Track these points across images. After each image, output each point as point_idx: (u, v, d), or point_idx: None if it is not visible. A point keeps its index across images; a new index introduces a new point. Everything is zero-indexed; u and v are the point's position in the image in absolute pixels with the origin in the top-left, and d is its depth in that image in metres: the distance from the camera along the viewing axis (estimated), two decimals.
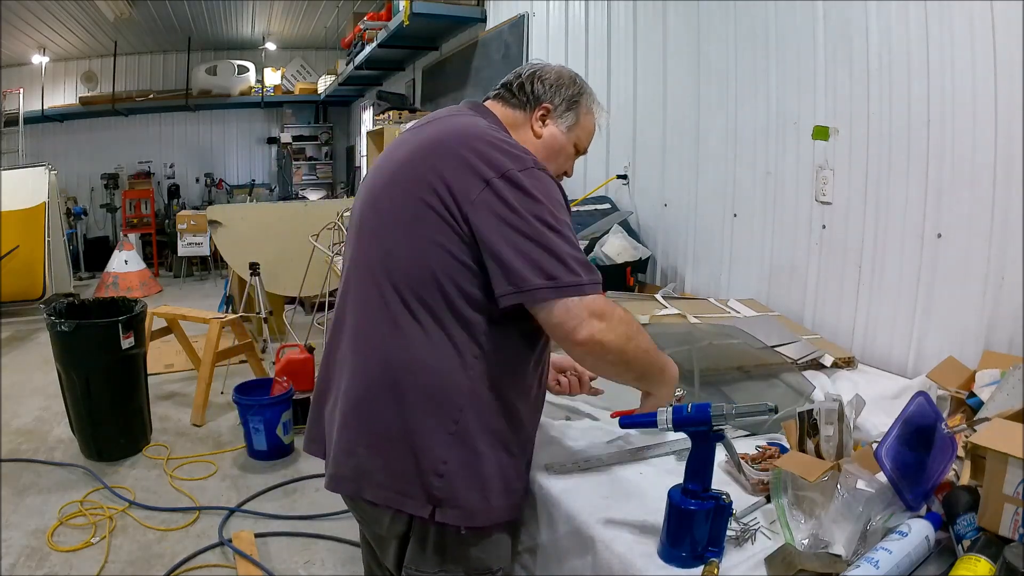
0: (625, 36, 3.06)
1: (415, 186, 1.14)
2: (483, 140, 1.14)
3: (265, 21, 9.11)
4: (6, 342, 5.62)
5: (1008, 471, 0.92)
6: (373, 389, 1.17)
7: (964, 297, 1.67)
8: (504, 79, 1.37)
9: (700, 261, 2.67)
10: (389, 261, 1.16)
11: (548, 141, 1.32)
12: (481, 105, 1.34)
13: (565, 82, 1.33)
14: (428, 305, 1.13)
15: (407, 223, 1.14)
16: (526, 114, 1.32)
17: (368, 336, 1.19)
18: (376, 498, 1.17)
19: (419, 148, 1.18)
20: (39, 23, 7.75)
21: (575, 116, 1.34)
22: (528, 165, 1.12)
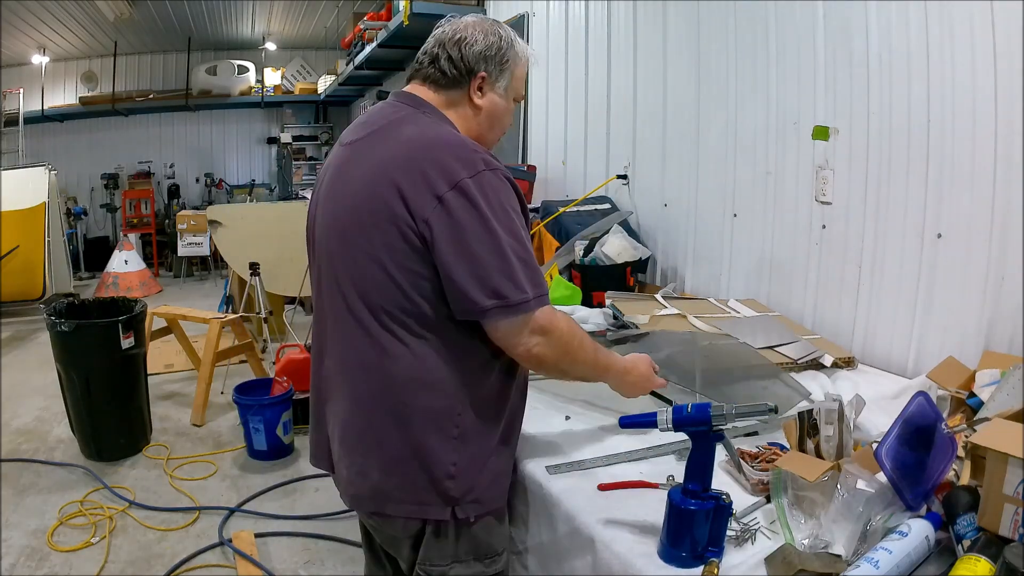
0: (625, 36, 3.06)
1: (378, 211, 1.13)
2: (433, 150, 1.14)
3: (265, 21, 9.11)
4: (6, 342, 5.62)
5: (1008, 471, 0.92)
6: (374, 416, 1.19)
7: (964, 297, 1.67)
8: (427, 50, 1.29)
9: (700, 261, 2.67)
10: (362, 286, 1.17)
11: (489, 110, 1.29)
12: (411, 96, 1.27)
13: (493, 42, 1.27)
14: (408, 325, 1.15)
15: (374, 248, 1.14)
16: (462, 90, 1.27)
17: (357, 364, 1.20)
18: (398, 513, 1.22)
19: (376, 170, 1.16)
20: (39, 23, 7.75)
21: (509, 74, 1.30)
22: (479, 169, 1.11)
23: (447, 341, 1.16)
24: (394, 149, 1.17)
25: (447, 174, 1.10)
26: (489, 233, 1.09)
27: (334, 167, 1.28)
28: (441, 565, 1.24)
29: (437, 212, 1.09)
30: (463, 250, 1.09)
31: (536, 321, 1.12)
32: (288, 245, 5.02)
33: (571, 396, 1.71)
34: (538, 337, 1.14)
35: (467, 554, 1.24)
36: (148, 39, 9.17)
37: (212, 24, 8.99)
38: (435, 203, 1.09)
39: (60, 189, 7.33)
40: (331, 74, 9.01)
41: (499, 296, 1.09)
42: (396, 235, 1.11)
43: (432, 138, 1.17)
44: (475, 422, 1.19)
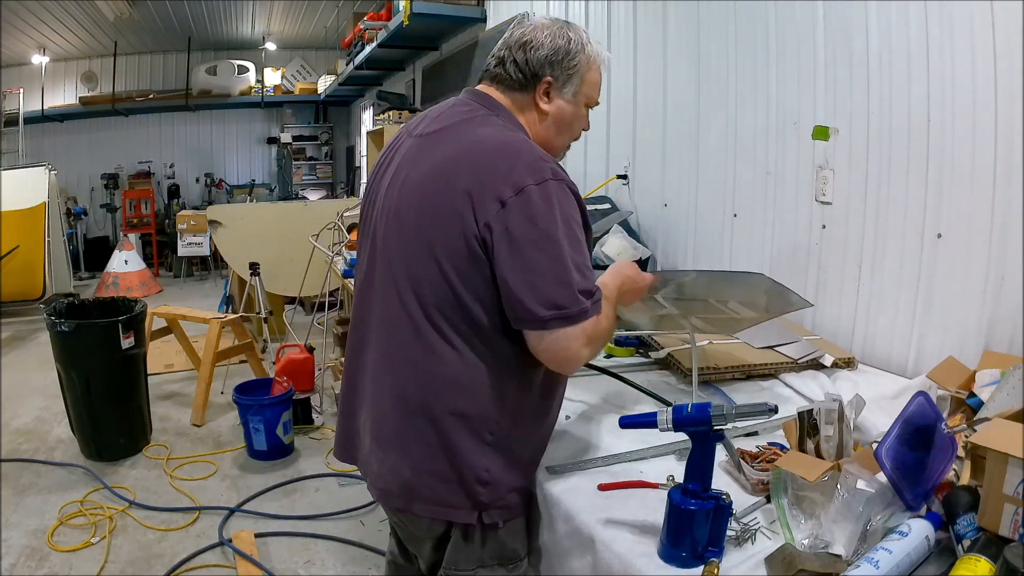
0: (625, 36, 3.06)
1: (442, 209, 1.13)
2: (502, 154, 1.14)
3: (265, 21, 9.11)
4: (6, 342, 5.62)
5: (1008, 471, 0.92)
6: (412, 414, 1.18)
7: (964, 297, 1.67)
8: (496, 53, 1.29)
9: (700, 261, 2.67)
10: (417, 283, 1.16)
11: (556, 115, 1.29)
12: (485, 96, 1.28)
13: (560, 46, 1.25)
14: (458, 327, 1.14)
15: (434, 246, 1.14)
16: (527, 94, 1.27)
17: (401, 359, 1.19)
18: (425, 513, 1.22)
19: (445, 167, 1.16)
20: (39, 23, 7.75)
21: (578, 79, 1.29)
22: (545, 177, 1.11)
23: (495, 348, 1.15)
24: (465, 149, 1.16)
25: (513, 179, 1.09)
26: (549, 241, 1.08)
27: (401, 155, 1.27)
28: (466, 570, 1.24)
29: (499, 216, 1.08)
30: (521, 257, 1.08)
31: (586, 331, 1.11)
32: (288, 245, 5.02)
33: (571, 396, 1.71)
34: (588, 348, 1.13)
35: (492, 559, 1.24)
36: (148, 39, 9.17)
37: (212, 24, 8.99)
38: (498, 207, 1.08)
39: (60, 189, 7.33)
40: (331, 74, 9.01)
41: (557, 307, 1.08)
42: (457, 236, 1.11)
43: (502, 142, 1.17)
44: (511, 430, 1.19)
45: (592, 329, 1.12)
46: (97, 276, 8.13)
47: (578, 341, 1.10)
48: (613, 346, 2.05)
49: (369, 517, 2.92)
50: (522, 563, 1.29)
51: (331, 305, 4.55)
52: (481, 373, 1.15)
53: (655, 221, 2.88)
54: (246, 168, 11.05)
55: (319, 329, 4.70)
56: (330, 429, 3.84)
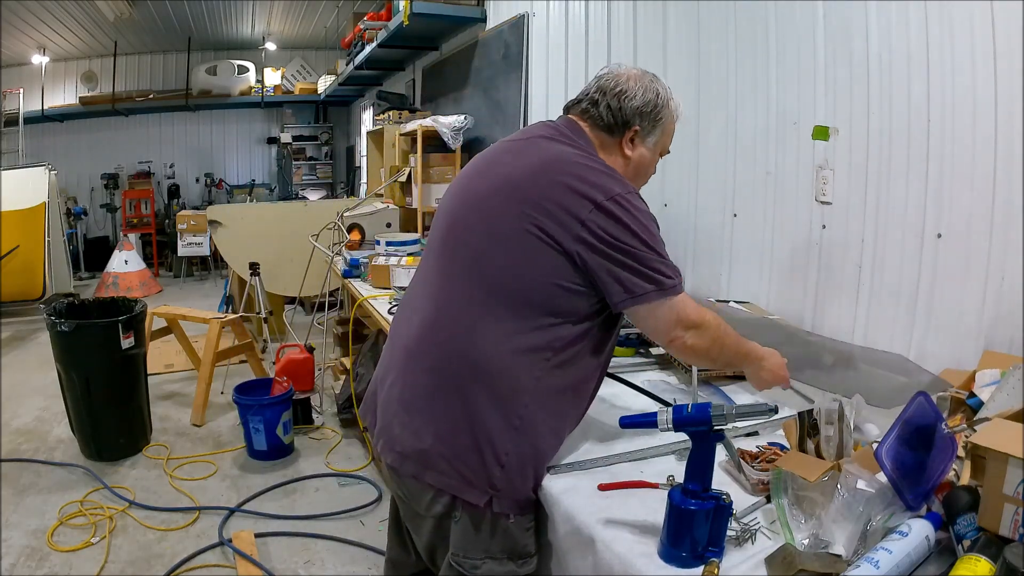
0: (625, 36, 3.06)
1: (523, 204, 1.22)
2: (586, 166, 1.25)
3: (265, 21, 9.11)
4: (6, 342, 5.62)
5: (1008, 471, 0.92)
6: (447, 385, 1.23)
7: (964, 297, 1.67)
8: (587, 93, 1.39)
9: (700, 261, 2.67)
10: (485, 267, 1.24)
11: (637, 161, 1.40)
12: (576, 126, 1.37)
13: (650, 99, 1.37)
14: (516, 312, 1.21)
15: (510, 237, 1.23)
16: (615, 138, 1.37)
17: (448, 330, 1.26)
18: (437, 483, 1.25)
19: (528, 168, 1.26)
20: (39, 23, 7.75)
21: (660, 130, 1.41)
22: (630, 189, 1.24)
23: (545, 340, 1.21)
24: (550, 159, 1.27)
25: (602, 188, 1.21)
26: (640, 234, 1.20)
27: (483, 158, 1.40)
28: (474, 559, 1.26)
29: (596, 215, 1.18)
30: (623, 246, 1.19)
31: (689, 316, 1.24)
32: (288, 245, 5.02)
33: None
34: (692, 331, 1.25)
35: (502, 552, 1.26)
36: (148, 39, 9.16)
37: (212, 24, 8.99)
38: (592, 207, 1.19)
39: (60, 189, 7.33)
40: (331, 74, 9.01)
41: (655, 282, 1.20)
42: (536, 230, 1.20)
43: (587, 160, 1.27)
44: (539, 420, 1.23)
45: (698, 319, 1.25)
46: (97, 276, 8.13)
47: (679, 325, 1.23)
48: None
49: (369, 517, 2.92)
50: (532, 560, 1.30)
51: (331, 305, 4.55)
52: (524, 361, 1.21)
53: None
54: (246, 168, 11.05)
55: (319, 329, 4.70)
56: (330, 429, 3.84)
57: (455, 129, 4.42)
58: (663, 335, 1.26)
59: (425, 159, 4.55)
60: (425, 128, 4.48)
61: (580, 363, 1.27)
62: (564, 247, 1.19)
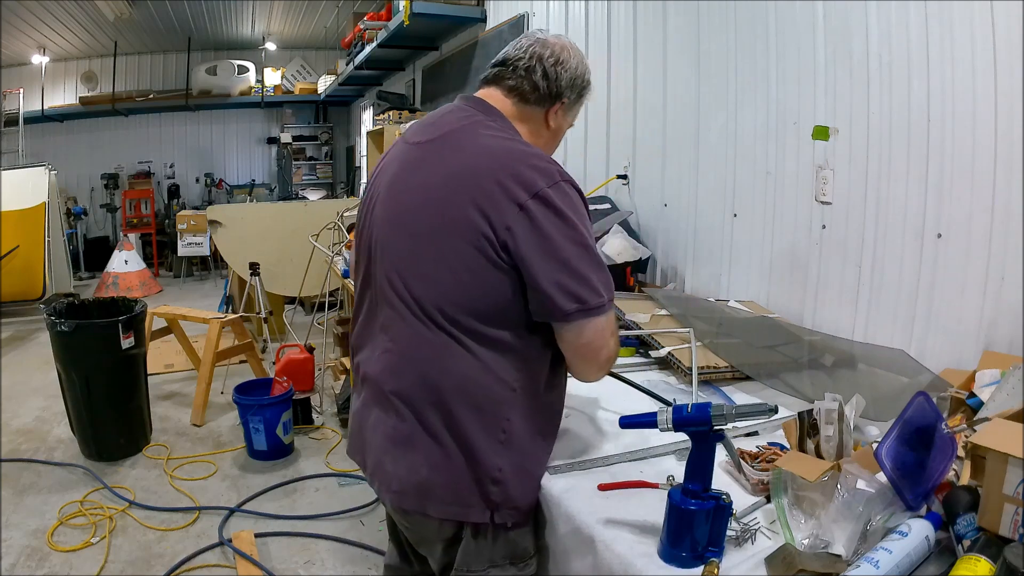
0: (625, 36, 3.06)
1: (453, 219, 1.15)
2: (511, 160, 1.16)
3: (265, 21, 9.11)
4: (6, 342, 5.62)
5: (1008, 471, 0.92)
6: (428, 413, 1.20)
7: (964, 297, 1.67)
8: (519, 61, 1.28)
9: (700, 261, 2.67)
10: (428, 287, 1.18)
11: (556, 133, 1.35)
12: (486, 104, 1.29)
13: (580, 73, 1.31)
14: (470, 328, 1.16)
15: (445, 253, 1.16)
16: (541, 109, 1.30)
17: (413, 364, 1.21)
18: (439, 514, 1.23)
19: (451, 178, 1.18)
20: (39, 23, 7.75)
21: (579, 106, 1.36)
22: (556, 179, 1.15)
23: (507, 348, 1.18)
24: (470, 159, 1.19)
25: (526, 183, 1.13)
26: (569, 240, 1.13)
27: (399, 164, 1.29)
28: (478, 570, 1.25)
29: (520, 219, 1.12)
30: (547, 256, 1.12)
31: (611, 323, 1.19)
32: (288, 245, 5.02)
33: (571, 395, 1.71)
34: (613, 339, 1.21)
35: (503, 558, 1.25)
36: (148, 39, 9.16)
37: (212, 24, 8.99)
38: (516, 210, 1.12)
39: (60, 189, 7.33)
40: (331, 74, 9.01)
41: (580, 301, 1.13)
42: (471, 242, 1.13)
43: (508, 149, 1.19)
44: (523, 429, 1.21)
45: (612, 320, 1.20)
46: (97, 276, 8.13)
47: (603, 332, 1.17)
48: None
49: (369, 517, 2.92)
50: (532, 561, 1.30)
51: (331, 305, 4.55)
52: (492, 373, 1.17)
53: (655, 221, 2.88)
54: (246, 168, 11.05)
55: (319, 329, 4.70)
56: (330, 429, 3.84)
57: None
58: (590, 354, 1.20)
59: None
60: None
61: (556, 362, 1.24)
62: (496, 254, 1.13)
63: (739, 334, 1.98)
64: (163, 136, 10.41)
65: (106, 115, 9.67)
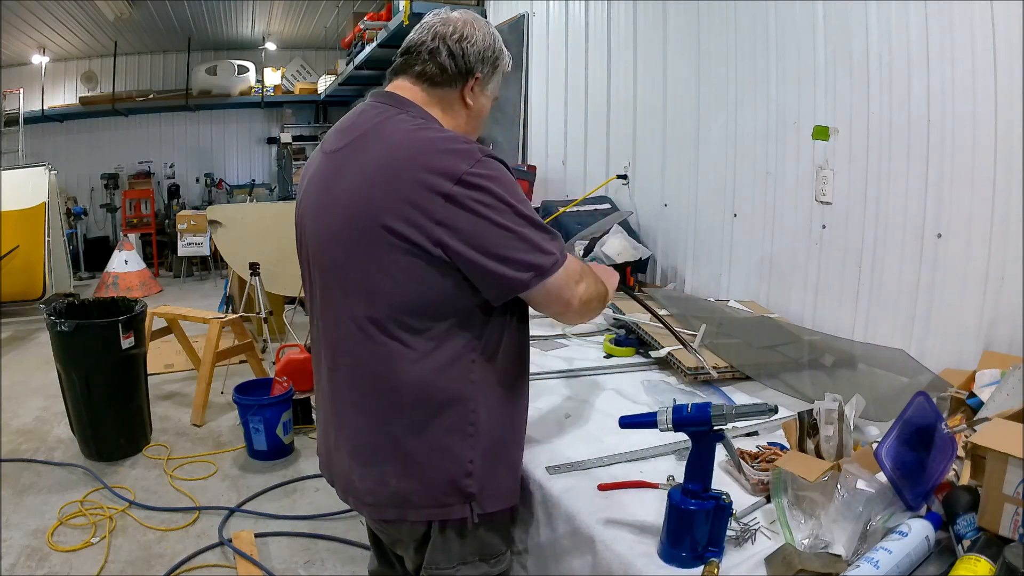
0: (625, 36, 3.06)
1: (380, 222, 1.10)
2: (425, 151, 1.11)
3: (265, 21, 9.11)
4: (6, 342, 5.62)
5: (1008, 471, 0.92)
6: (389, 425, 1.18)
7: (964, 297, 1.67)
8: (422, 45, 1.24)
9: (700, 261, 2.67)
10: (367, 297, 1.15)
11: (477, 112, 1.29)
12: (396, 97, 1.23)
13: (489, 43, 1.25)
14: (418, 329, 1.14)
15: (377, 258, 1.12)
16: (455, 89, 1.24)
17: (368, 375, 1.19)
18: (419, 517, 1.22)
19: (368, 181, 1.13)
20: (39, 23, 7.75)
21: (498, 76, 1.30)
22: (477, 156, 1.10)
23: (459, 340, 1.15)
24: (385, 158, 1.13)
25: (447, 171, 1.07)
26: (504, 215, 1.09)
27: (319, 177, 1.24)
28: (447, 568, 1.24)
29: (449, 210, 1.07)
30: (487, 237, 1.09)
31: (571, 270, 1.17)
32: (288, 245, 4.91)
33: (570, 395, 1.71)
34: (580, 284, 1.19)
35: (473, 555, 1.25)
36: (148, 39, 9.16)
37: (212, 24, 8.99)
38: (443, 201, 1.07)
39: (60, 189, 7.32)
40: (331, 74, 9.01)
41: (533, 267, 1.11)
42: (403, 244, 1.09)
43: (421, 139, 1.14)
44: (488, 417, 1.20)
45: (576, 269, 1.19)
46: (97, 276, 8.13)
47: (566, 285, 1.16)
48: (613, 346, 2.05)
49: None
50: (504, 557, 1.30)
51: None
52: (448, 370, 1.16)
53: (655, 221, 2.88)
54: (246, 168, 11.04)
55: None
56: None
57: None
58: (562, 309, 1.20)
59: None
60: None
61: (509, 342, 1.21)
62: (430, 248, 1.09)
63: (739, 334, 1.98)
64: (163, 136, 10.40)
65: (106, 115, 9.66)
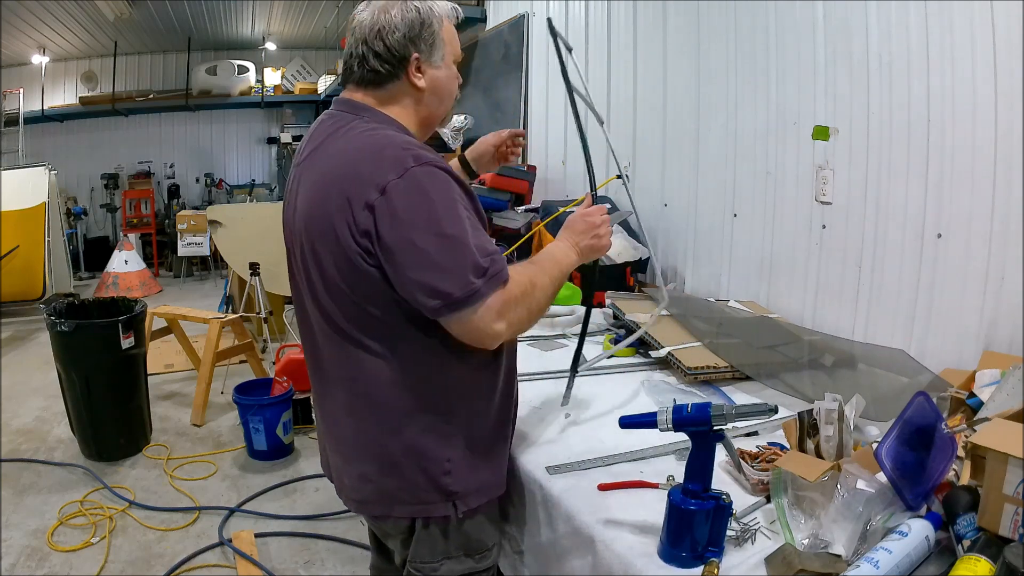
0: (625, 36, 3.06)
1: (325, 230, 1.12)
2: (361, 160, 1.11)
3: (265, 21, 9.11)
4: (6, 342, 5.62)
5: (1008, 471, 0.92)
6: (365, 424, 1.21)
7: (964, 297, 1.67)
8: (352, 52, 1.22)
9: (700, 261, 2.67)
10: (330, 303, 1.17)
11: (433, 87, 1.25)
12: (348, 102, 1.24)
13: (412, 19, 1.19)
14: (380, 333, 1.16)
15: (328, 266, 1.14)
16: (400, 80, 1.21)
17: (341, 376, 1.22)
18: (405, 514, 1.23)
19: (316, 188, 1.16)
20: (39, 23, 7.74)
21: (441, 42, 1.24)
22: (408, 166, 1.07)
23: (416, 343, 1.16)
24: (329, 165, 1.15)
25: (375, 180, 1.07)
26: (423, 231, 1.05)
27: (290, 189, 1.28)
28: (432, 563, 1.26)
29: (371, 221, 1.07)
30: (401, 254, 1.06)
31: (491, 309, 1.08)
32: None
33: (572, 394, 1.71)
34: (500, 323, 1.09)
35: (458, 550, 1.26)
36: (148, 39, 9.16)
37: (212, 24, 8.99)
38: (367, 212, 1.07)
39: (60, 189, 7.32)
40: (331, 74, 9.00)
41: (442, 295, 1.05)
42: (344, 251, 1.10)
43: (359, 147, 1.14)
44: (464, 415, 1.21)
45: (501, 303, 1.08)
46: (97, 276, 8.13)
47: (483, 320, 1.08)
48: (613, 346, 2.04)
49: None
50: (490, 553, 1.30)
51: None
52: (412, 370, 1.17)
53: (655, 221, 2.88)
54: (246, 168, 11.04)
55: None
56: None
57: (455, 129, 4.42)
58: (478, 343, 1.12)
59: None
60: None
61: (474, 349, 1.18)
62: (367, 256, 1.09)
63: (739, 334, 1.98)
64: (163, 136, 10.40)
65: (106, 115, 9.66)
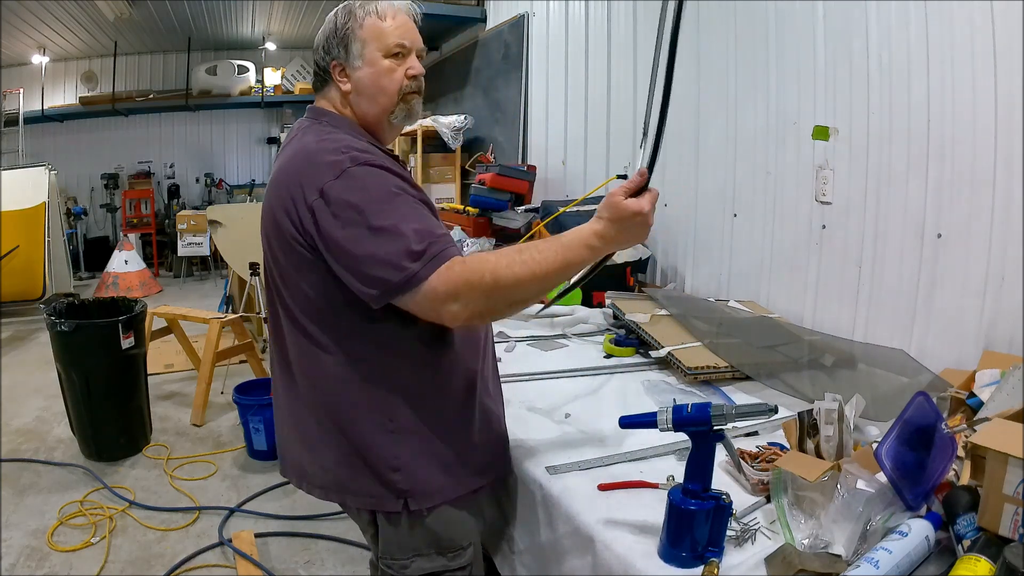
0: (625, 36, 3.06)
1: (276, 230, 1.20)
2: (301, 163, 1.18)
3: (265, 21, 9.10)
4: (6, 342, 5.61)
5: (1008, 471, 0.92)
6: (319, 416, 1.25)
7: (964, 297, 1.67)
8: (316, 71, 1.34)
9: (700, 261, 2.67)
10: (284, 300, 1.25)
11: (357, 87, 1.27)
12: (315, 108, 1.33)
13: (329, 29, 1.28)
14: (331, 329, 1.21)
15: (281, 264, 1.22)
16: (332, 86, 1.30)
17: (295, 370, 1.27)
18: (358, 504, 1.28)
19: (271, 188, 1.23)
20: (39, 23, 7.74)
21: (357, 43, 1.26)
22: (344, 167, 1.13)
23: (363, 340, 1.20)
24: (281, 168, 1.23)
25: (314, 183, 1.13)
26: (355, 227, 1.10)
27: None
28: (402, 559, 1.27)
29: (312, 221, 1.13)
30: (340, 249, 1.12)
31: (437, 290, 1.07)
32: None
33: (572, 394, 1.71)
34: (453, 304, 1.08)
35: (428, 547, 1.27)
36: (148, 39, 9.16)
37: (212, 24, 8.98)
38: (308, 213, 1.13)
39: (60, 189, 7.32)
40: None
41: (379, 283, 1.09)
42: (292, 249, 1.18)
43: (303, 151, 1.20)
44: (411, 414, 1.22)
45: (449, 284, 1.07)
46: (97, 276, 8.12)
47: (428, 301, 1.08)
48: (613, 346, 2.05)
49: None
50: (465, 552, 1.31)
51: None
52: (359, 366, 1.21)
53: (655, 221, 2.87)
54: (246, 168, 11.04)
55: None
56: None
57: (455, 129, 4.42)
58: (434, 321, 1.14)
59: (425, 159, 4.55)
60: (425, 128, 4.48)
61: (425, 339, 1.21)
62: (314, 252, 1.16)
63: (739, 334, 1.98)
64: (163, 136, 10.39)
65: (106, 115, 9.65)
